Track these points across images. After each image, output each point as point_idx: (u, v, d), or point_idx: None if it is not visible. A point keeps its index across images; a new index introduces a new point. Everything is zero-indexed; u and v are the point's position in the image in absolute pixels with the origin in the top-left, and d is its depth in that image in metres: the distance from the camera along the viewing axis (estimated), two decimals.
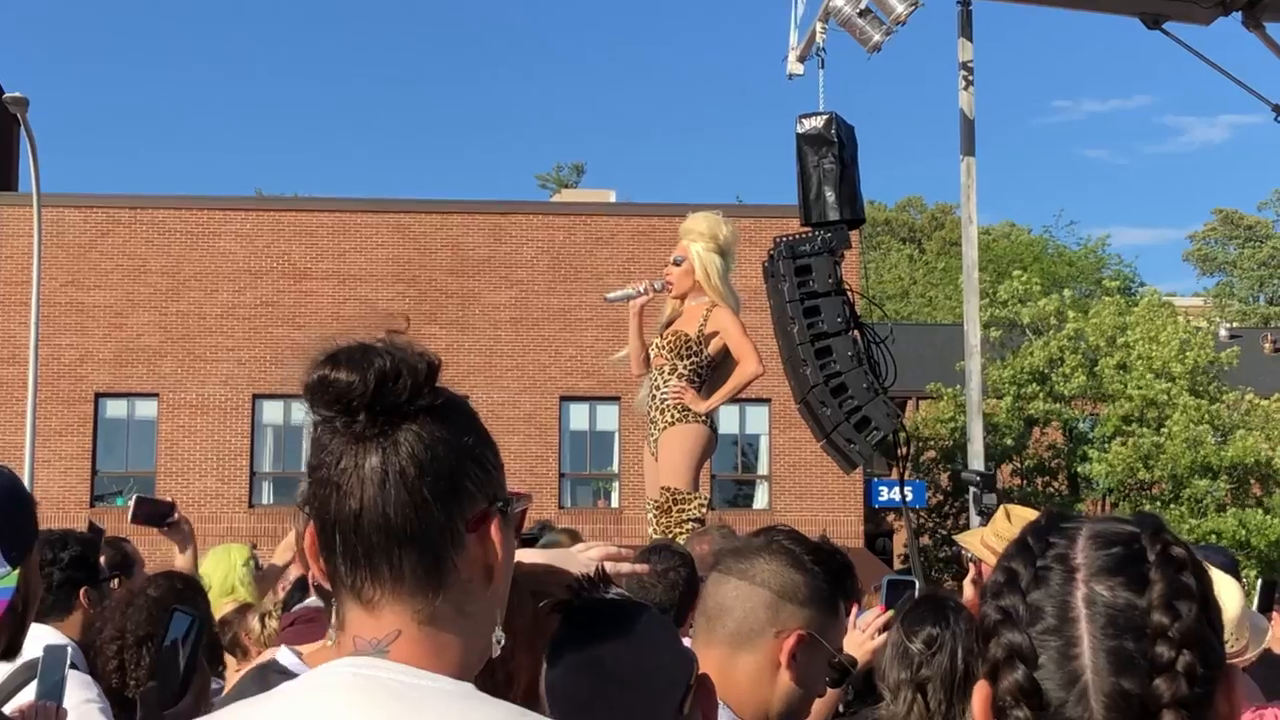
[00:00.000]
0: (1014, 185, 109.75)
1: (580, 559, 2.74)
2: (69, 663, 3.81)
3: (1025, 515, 4.97)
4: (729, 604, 2.79)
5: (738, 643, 2.77)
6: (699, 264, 8.36)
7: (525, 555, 2.87)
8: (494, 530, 1.76)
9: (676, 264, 8.47)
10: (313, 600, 4.11)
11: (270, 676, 2.59)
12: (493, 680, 2.35)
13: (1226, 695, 1.50)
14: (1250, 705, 4.03)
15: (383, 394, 1.70)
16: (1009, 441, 36.32)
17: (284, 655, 2.74)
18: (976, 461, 11.78)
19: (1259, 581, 7.90)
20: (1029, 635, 1.49)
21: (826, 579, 2.88)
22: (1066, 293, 42.23)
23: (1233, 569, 5.45)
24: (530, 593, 2.51)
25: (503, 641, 1.81)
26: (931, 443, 37.24)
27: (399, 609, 1.72)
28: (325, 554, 1.76)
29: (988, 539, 4.89)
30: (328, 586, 1.79)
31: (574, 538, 6.57)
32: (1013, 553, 1.55)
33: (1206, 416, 35.18)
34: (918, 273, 67.73)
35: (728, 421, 33.53)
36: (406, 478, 1.70)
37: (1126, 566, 1.49)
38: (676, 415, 8.15)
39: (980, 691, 1.53)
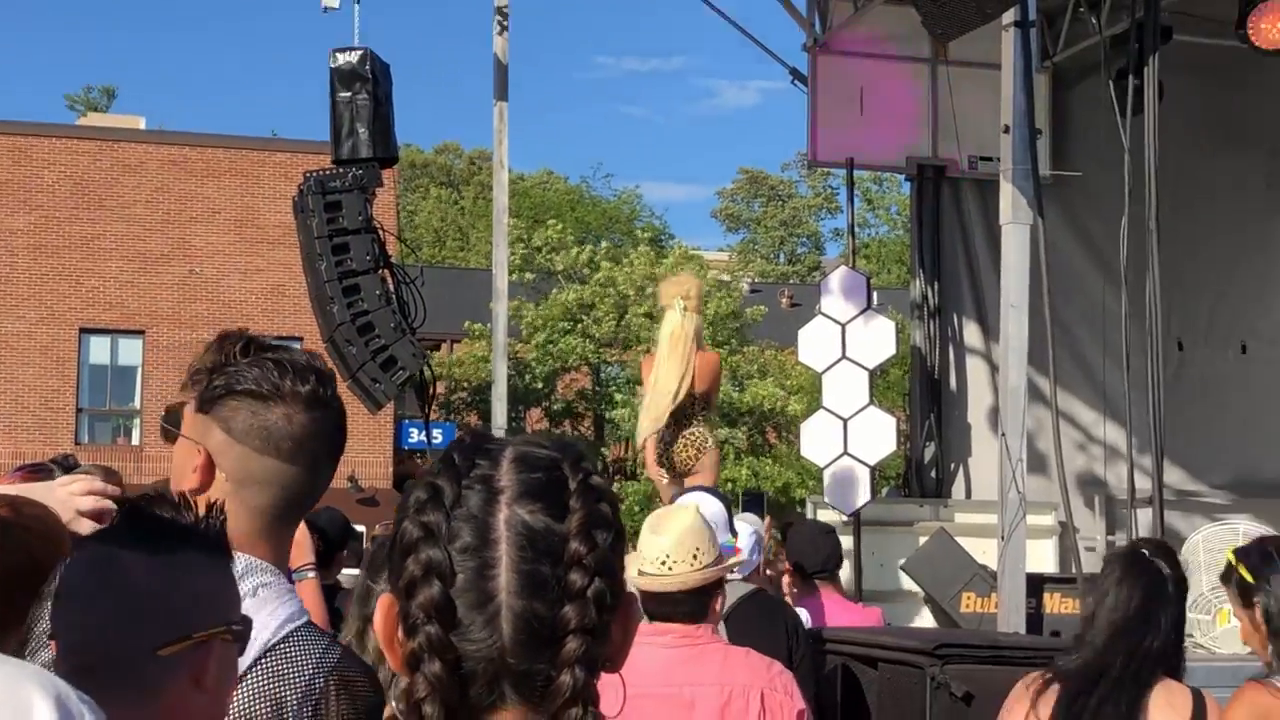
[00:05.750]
0: (554, 136, 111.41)
1: (60, 494, 2.60)
2: None
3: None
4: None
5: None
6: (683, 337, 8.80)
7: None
8: None
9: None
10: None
11: None
12: None
13: (622, 624, 1.53)
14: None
15: None
16: (539, 385, 36.96)
17: None
18: (500, 404, 11.92)
19: (742, 493, 8.38)
20: (449, 553, 1.48)
21: None
22: (604, 244, 43.14)
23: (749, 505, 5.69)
24: None
25: None
26: (464, 384, 37.57)
27: None
28: None
29: None
30: None
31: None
32: (437, 469, 1.53)
33: (727, 366, 36.66)
34: (451, 216, 67.97)
35: None
36: None
37: (549, 492, 1.50)
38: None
39: (383, 605, 1.52)
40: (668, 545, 4.12)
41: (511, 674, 1.47)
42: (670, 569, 4.08)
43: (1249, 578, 4.37)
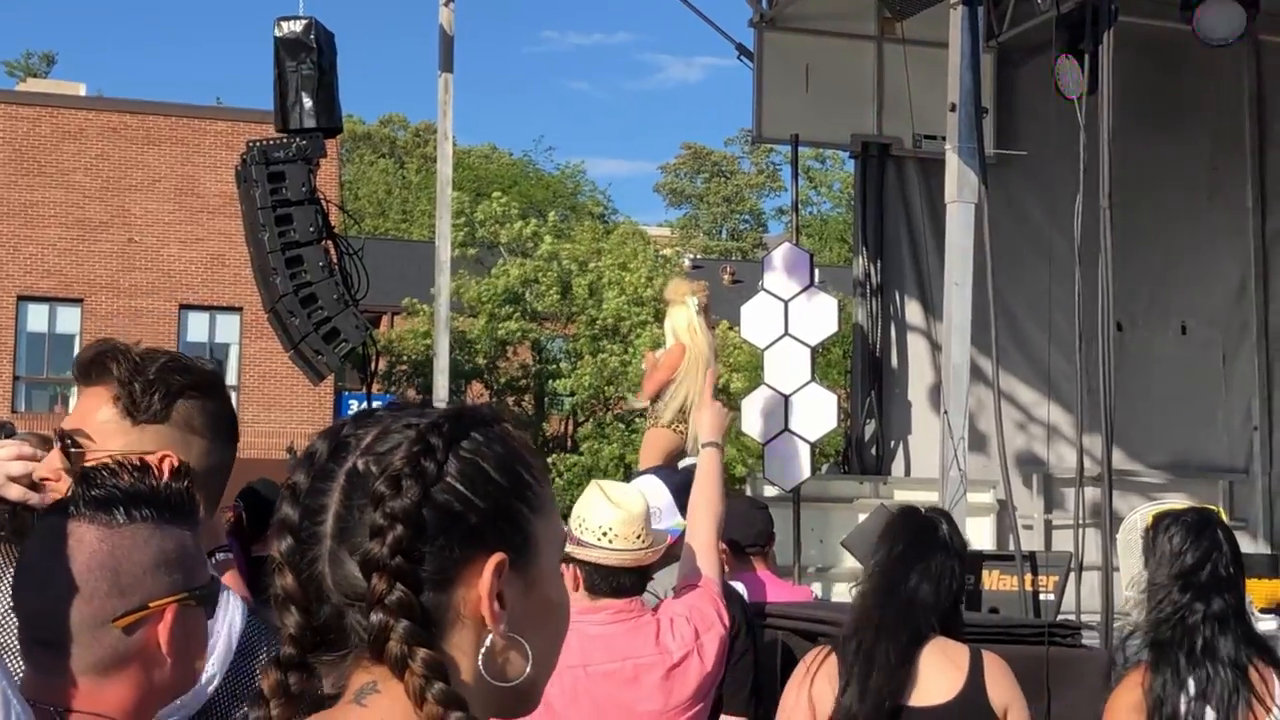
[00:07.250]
0: (500, 110, 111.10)
1: None
2: None
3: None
4: None
5: None
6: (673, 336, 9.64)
7: None
8: None
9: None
10: None
11: None
12: None
13: (471, 582, 1.50)
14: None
15: None
16: (481, 360, 36.84)
17: None
18: (442, 377, 11.86)
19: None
20: (303, 507, 1.51)
21: None
22: (551, 217, 42.98)
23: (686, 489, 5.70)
24: None
25: None
26: (405, 358, 37.40)
27: None
28: None
29: None
30: None
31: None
32: (318, 435, 1.57)
33: None
34: (396, 188, 67.64)
35: (196, 329, 32.76)
36: None
37: (395, 449, 1.51)
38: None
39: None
40: (634, 519, 4.13)
41: (350, 616, 1.48)
42: (645, 543, 4.12)
43: (1150, 544, 4.46)
